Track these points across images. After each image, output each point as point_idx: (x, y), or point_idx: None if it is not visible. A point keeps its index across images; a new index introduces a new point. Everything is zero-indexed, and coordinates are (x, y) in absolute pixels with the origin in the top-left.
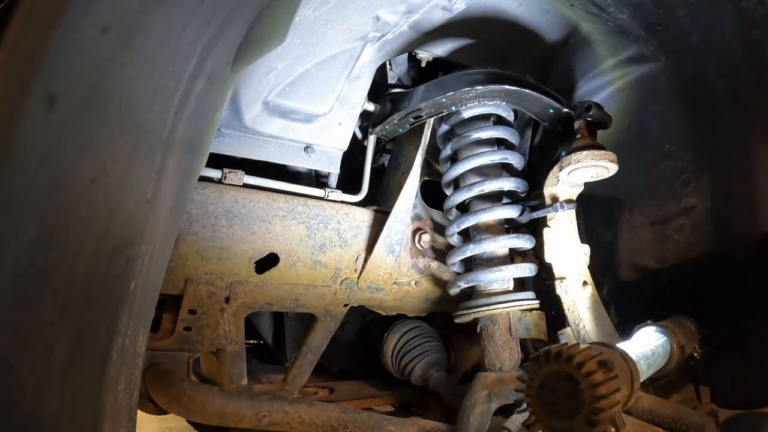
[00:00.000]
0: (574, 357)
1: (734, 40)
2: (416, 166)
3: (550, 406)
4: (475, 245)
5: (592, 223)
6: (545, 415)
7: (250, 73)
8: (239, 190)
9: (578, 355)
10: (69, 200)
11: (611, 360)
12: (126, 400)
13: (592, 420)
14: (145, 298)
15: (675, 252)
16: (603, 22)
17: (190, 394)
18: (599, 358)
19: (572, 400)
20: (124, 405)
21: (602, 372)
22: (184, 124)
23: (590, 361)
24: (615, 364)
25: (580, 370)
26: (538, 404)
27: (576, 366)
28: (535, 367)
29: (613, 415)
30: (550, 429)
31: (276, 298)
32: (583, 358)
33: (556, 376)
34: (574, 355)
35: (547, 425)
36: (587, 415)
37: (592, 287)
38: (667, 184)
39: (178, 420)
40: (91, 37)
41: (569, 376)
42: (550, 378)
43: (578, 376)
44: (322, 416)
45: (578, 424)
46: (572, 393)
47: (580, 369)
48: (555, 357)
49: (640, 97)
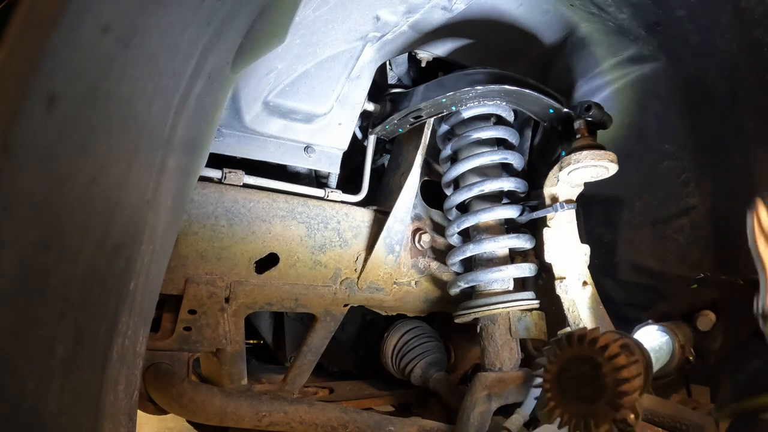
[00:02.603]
0: (598, 340)
1: (734, 40)
2: (416, 166)
3: (570, 392)
4: (475, 245)
5: (592, 223)
6: (565, 400)
7: (250, 73)
8: (239, 190)
9: (602, 338)
10: (69, 200)
11: (632, 345)
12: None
13: (615, 404)
14: (145, 298)
15: (675, 252)
16: (603, 22)
17: (190, 394)
18: (622, 341)
19: (594, 384)
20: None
21: (625, 355)
22: (184, 124)
23: (614, 344)
24: (635, 349)
25: (603, 353)
26: (558, 390)
27: (600, 349)
28: (555, 352)
29: (635, 400)
30: (570, 415)
31: (276, 298)
32: (606, 341)
33: (578, 360)
34: (598, 338)
35: (567, 411)
36: (610, 399)
37: (592, 287)
38: (667, 184)
39: (178, 420)
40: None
41: (591, 360)
42: (571, 362)
43: (601, 360)
44: (322, 416)
45: (600, 409)
46: (594, 377)
47: (604, 352)
48: (578, 340)
49: (640, 97)
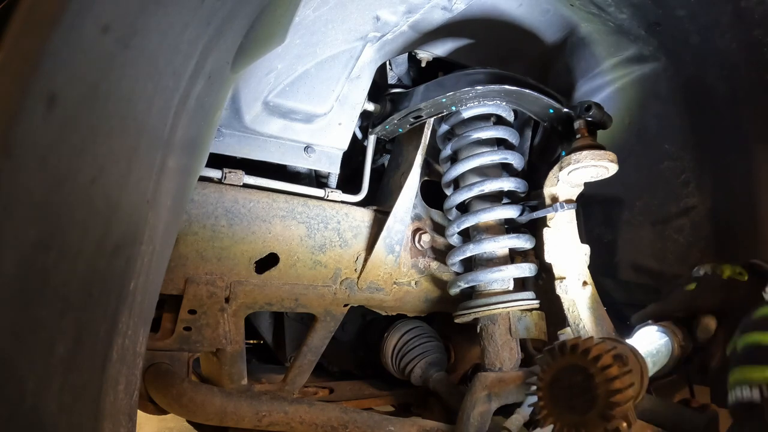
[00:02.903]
0: (591, 350)
1: (734, 40)
2: (416, 166)
3: (562, 401)
4: (475, 245)
5: (592, 223)
6: (557, 409)
7: (250, 73)
8: (239, 190)
9: (594, 348)
10: (69, 200)
11: (626, 354)
12: (126, 400)
13: (606, 415)
14: (145, 298)
15: (675, 252)
16: (603, 22)
17: (190, 394)
18: (615, 351)
19: (586, 394)
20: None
21: (617, 366)
22: (184, 124)
23: (606, 355)
24: (628, 359)
25: (596, 363)
26: (550, 398)
27: (592, 360)
28: (548, 360)
29: (627, 410)
30: (562, 424)
31: (276, 298)
32: (599, 352)
33: (570, 370)
34: (591, 348)
35: (559, 420)
36: (602, 410)
37: (592, 287)
38: (667, 184)
39: (178, 420)
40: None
41: (583, 370)
42: (563, 371)
43: (593, 370)
44: (322, 416)
45: (592, 419)
46: (586, 387)
47: (596, 362)
48: (570, 350)
49: (640, 97)
